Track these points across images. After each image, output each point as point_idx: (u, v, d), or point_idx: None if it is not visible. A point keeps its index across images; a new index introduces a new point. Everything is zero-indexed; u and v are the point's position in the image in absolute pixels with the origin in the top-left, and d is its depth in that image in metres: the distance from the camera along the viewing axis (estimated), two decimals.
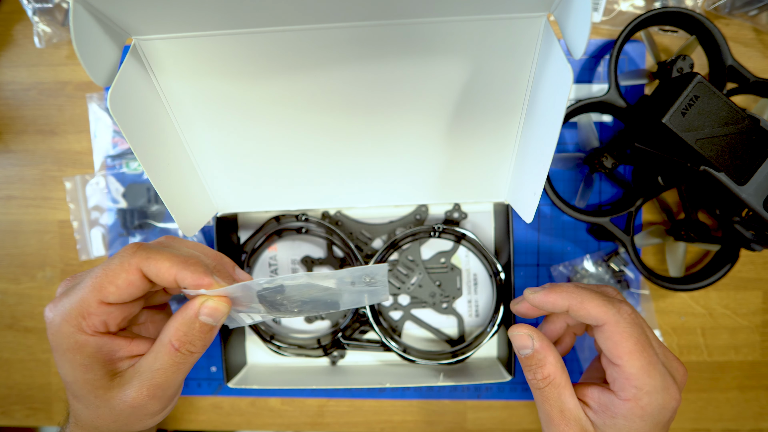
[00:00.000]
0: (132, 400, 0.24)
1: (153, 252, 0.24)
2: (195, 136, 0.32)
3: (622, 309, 0.25)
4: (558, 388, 0.26)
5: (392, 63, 0.29)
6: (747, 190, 0.32)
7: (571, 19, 0.23)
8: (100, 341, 0.25)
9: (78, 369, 0.24)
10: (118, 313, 0.25)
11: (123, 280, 0.24)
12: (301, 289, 0.26)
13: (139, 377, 0.24)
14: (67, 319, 0.24)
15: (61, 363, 0.25)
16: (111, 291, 0.24)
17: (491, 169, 0.35)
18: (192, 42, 0.27)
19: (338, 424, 0.42)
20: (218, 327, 0.26)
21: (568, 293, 0.27)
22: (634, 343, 0.24)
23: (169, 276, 0.24)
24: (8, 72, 0.41)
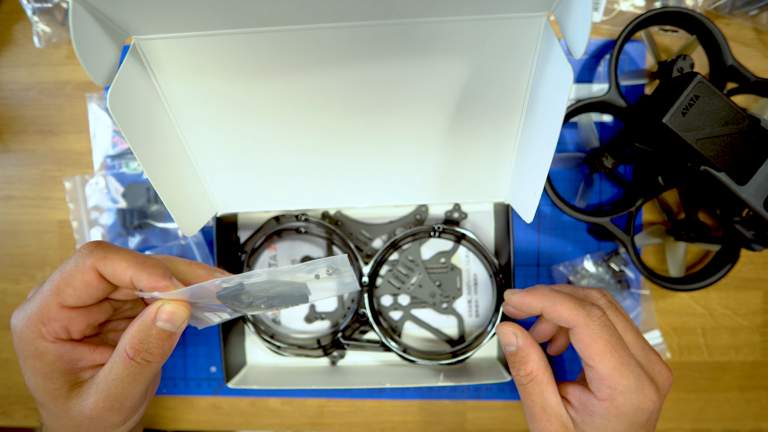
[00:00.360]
0: (89, 412, 0.24)
1: (110, 251, 0.23)
2: (195, 136, 0.32)
3: (592, 312, 0.26)
4: (540, 385, 0.27)
5: (392, 63, 0.29)
6: (747, 190, 0.32)
7: (572, 19, 0.23)
8: (61, 348, 0.24)
9: (39, 377, 0.24)
10: (80, 318, 0.24)
11: (79, 281, 0.23)
12: (263, 286, 0.25)
13: (96, 388, 0.24)
14: (28, 325, 0.23)
15: (24, 370, 0.24)
16: (69, 293, 0.23)
17: (491, 169, 0.35)
18: (192, 42, 0.27)
19: (338, 424, 0.42)
20: (178, 333, 0.24)
21: (541, 296, 0.27)
22: (603, 344, 0.25)
23: (124, 276, 0.23)
24: (8, 72, 0.41)
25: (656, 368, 0.26)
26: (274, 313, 0.40)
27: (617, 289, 0.39)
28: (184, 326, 0.24)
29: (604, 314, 0.26)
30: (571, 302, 0.26)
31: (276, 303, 0.27)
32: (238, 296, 0.26)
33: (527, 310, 0.28)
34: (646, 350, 0.26)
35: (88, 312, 0.25)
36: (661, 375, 0.26)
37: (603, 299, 0.28)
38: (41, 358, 0.23)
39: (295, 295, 0.27)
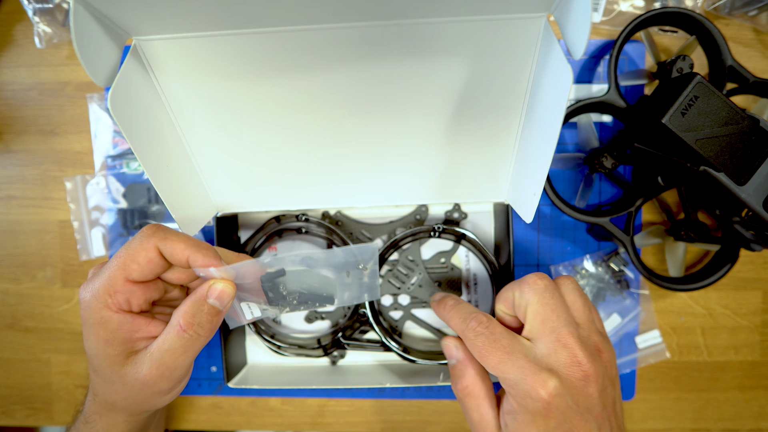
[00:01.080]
0: (143, 377, 0.26)
1: (170, 233, 0.26)
2: (195, 136, 0.33)
3: (470, 324, 0.28)
4: (476, 399, 0.28)
5: (392, 63, 0.29)
6: (747, 190, 0.32)
7: (571, 20, 0.23)
8: (123, 319, 0.26)
9: (101, 343, 0.26)
10: (140, 293, 0.27)
11: (143, 257, 0.26)
12: (299, 276, 0.27)
13: (150, 357, 0.26)
14: (96, 296, 0.26)
15: (87, 336, 0.27)
16: (134, 269, 0.26)
17: (491, 169, 0.35)
18: (192, 42, 0.27)
19: (338, 423, 0.42)
20: (224, 312, 0.27)
21: (443, 308, 0.31)
22: (479, 351, 0.27)
23: (182, 256, 0.26)
24: (9, 72, 0.41)
25: (555, 356, 0.26)
26: None
27: (617, 289, 0.40)
28: (229, 305, 0.27)
29: (479, 324, 0.27)
30: (457, 316, 0.29)
31: (306, 301, 0.28)
32: (277, 284, 0.28)
33: (440, 319, 0.31)
34: (560, 339, 0.26)
35: (147, 288, 0.27)
36: (557, 358, 0.25)
37: (535, 283, 0.28)
38: (105, 326, 0.26)
39: (324, 295, 0.28)
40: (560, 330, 0.26)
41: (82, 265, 0.41)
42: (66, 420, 0.43)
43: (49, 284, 0.42)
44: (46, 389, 0.43)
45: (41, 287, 0.42)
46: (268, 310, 0.29)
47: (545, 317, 0.27)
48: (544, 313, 0.27)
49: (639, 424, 0.41)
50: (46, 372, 0.42)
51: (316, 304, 0.29)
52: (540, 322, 0.27)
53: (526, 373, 0.25)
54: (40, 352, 0.42)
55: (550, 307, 0.27)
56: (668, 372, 0.41)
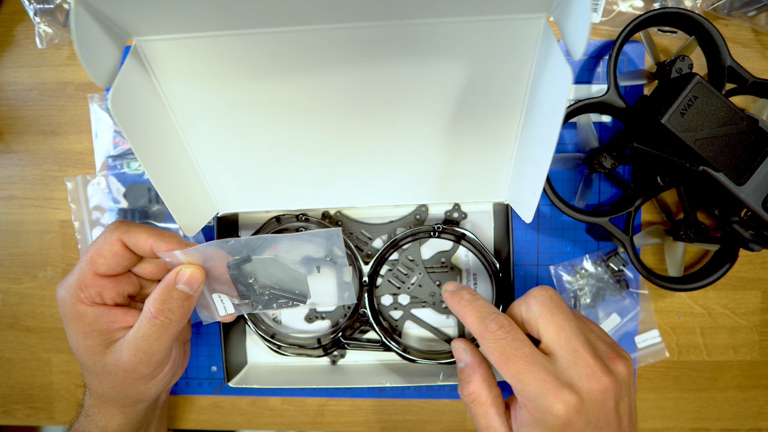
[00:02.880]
0: (123, 364, 0.28)
1: (133, 226, 0.28)
2: (196, 136, 0.33)
3: (488, 327, 0.26)
4: (483, 405, 0.27)
5: (392, 64, 0.29)
6: (746, 190, 0.32)
7: (571, 20, 0.23)
8: (98, 311, 0.28)
9: (80, 335, 0.28)
10: (111, 286, 0.28)
11: (108, 251, 0.28)
12: (268, 267, 0.29)
13: (128, 344, 0.28)
14: (70, 292, 0.28)
15: (68, 332, 0.28)
16: (101, 262, 0.28)
17: (491, 170, 0.35)
18: (192, 43, 0.27)
19: (338, 423, 0.42)
20: (195, 296, 0.28)
21: (457, 304, 0.29)
22: (498, 356, 0.25)
23: (146, 245, 0.28)
24: (10, 72, 0.41)
25: (578, 370, 0.25)
26: (274, 313, 0.41)
27: (616, 288, 0.40)
28: (200, 290, 0.28)
29: (500, 328, 0.26)
30: (475, 315, 0.27)
31: (278, 298, 0.28)
32: (246, 274, 0.29)
33: (452, 312, 0.30)
34: (576, 350, 0.25)
35: (118, 281, 0.29)
36: (580, 374, 0.25)
37: (541, 295, 0.27)
38: (82, 319, 0.28)
39: (296, 292, 0.29)
40: (575, 340, 0.25)
41: None
42: (67, 419, 0.43)
43: (50, 284, 0.42)
44: (47, 389, 0.43)
45: (42, 287, 0.42)
46: (241, 305, 0.30)
47: (559, 326, 0.26)
48: (556, 322, 0.26)
49: (638, 423, 0.42)
50: (47, 371, 0.43)
51: (288, 302, 0.29)
52: (555, 331, 0.26)
53: (548, 387, 0.24)
54: (41, 352, 0.42)
55: (562, 317, 0.26)
56: (667, 372, 0.41)
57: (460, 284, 0.31)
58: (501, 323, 0.26)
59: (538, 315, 0.26)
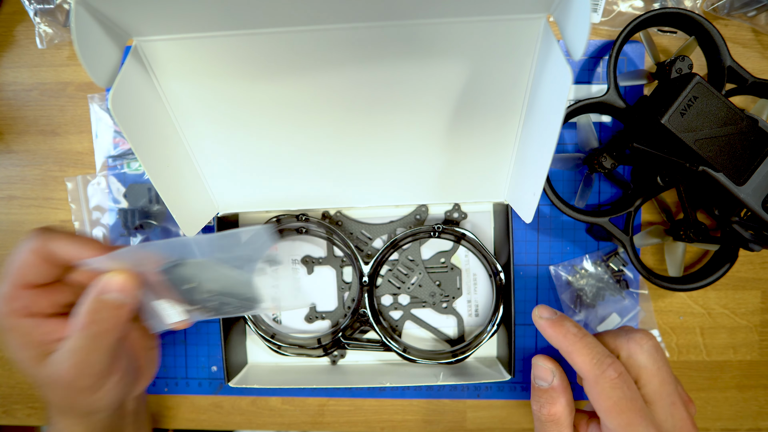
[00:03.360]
0: (61, 378, 0.26)
1: (53, 233, 0.27)
2: (196, 136, 0.33)
3: (606, 372, 0.26)
4: (559, 426, 0.28)
5: (392, 64, 0.29)
6: (745, 191, 0.32)
7: (571, 21, 0.23)
8: (31, 323, 0.27)
9: (17, 349, 0.27)
10: (41, 297, 0.27)
11: (27, 262, 0.26)
12: (205, 269, 0.27)
13: (63, 356, 0.26)
14: (0, 305, 0.27)
15: (5, 345, 0.27)
16: (22, 274, 0.26)
17: (491, 170, 0.35)
18: (192, 43, 0.27)
19: (338, 423, 0.42)
20: (129, 305, 0.27)
21: (564, 337, 0.28)
22: (612, 404, 0.26)
23: (65, 252, 0.26)
24: (10, 73, 0.41)
25: (673, 422, 0.26)
26: (274, 313, 0.41)
27: (616, 288, 0.40)
28: (135, 297, 0.27)
29: (619, 376, 0.26)
30: (588, 355, 0.27)
31: (227, 305, 0.27)
32: (182, 278, 0.27)
33: (548, 340, 0.29)
34: (667, 399, 0.27)
35: (49, 291, 0.27)
36: (676, 428, 0.26)
37: (646, 344, 0.28)
38: (16, 332, 0.27)
39: (246, 296, 0.27)
40: (674, 394, 0.27)
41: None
42: None
43: None
44: None
45: None
46: (193, 311, 0.28)
47: (663, 380, 0.27)
48: (661, 375, 0.27)
49: None
50: None
51: (239, 307, 0.28)
52: (659, 384, 0.27)
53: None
54: None
55: (666, 369, 0.27)
56: None
57: (555, 310, 0.30)
58: (620, 371, 0.26)
59: (642, 365, 0.27)
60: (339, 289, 0.40)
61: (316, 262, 0.40)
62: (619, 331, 0.30)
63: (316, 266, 0.40)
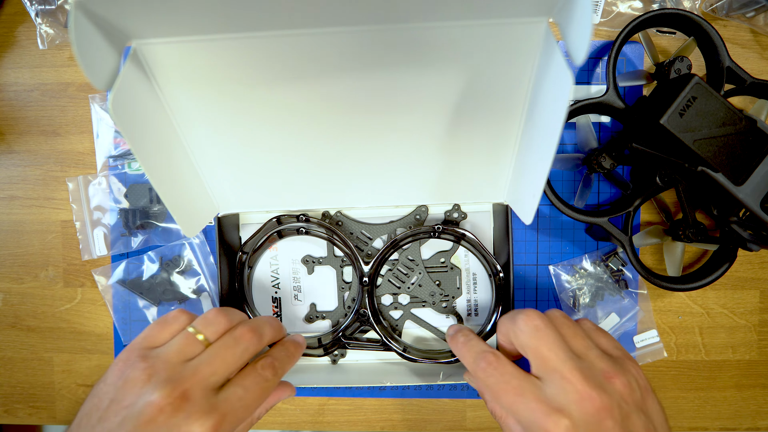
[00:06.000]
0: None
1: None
2: (196, 138, 0.33)
3: (480, 364, 0.28)
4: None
5: (393, 67, 0.29)
6: (744, 191, 0.32)
7: (572, 25, 0.23)
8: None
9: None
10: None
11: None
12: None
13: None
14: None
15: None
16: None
17: (491, 171, 0.35)
18: (192, 46, 0.27)
19: (339, 422, 0.42)
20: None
21: (455, 346, 0.32)
22: (491, 390, 0.28)
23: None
24: (11, 73, 0.41)
25: (567, 396, 0.25)
26: (275, 311, 0.41)
27: (615, 288, 0.40)
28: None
29: (489, 365, 0.28)
30: (468, 354, 0.30)
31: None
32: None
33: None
34: (564, 376, 0.25)
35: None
36: (569, 398, 0.25)
37: (526, 326, 0.28)
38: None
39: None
40: (562, 368, 0.25)
41: (84, 265, 0.42)
42: (68, 418, 0.43)
43: (52, 284, 0.42)
44: (48, 388, 0.43)
45: (43, 287, 0.42)
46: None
47: (545, 358, 0.26)
48: (542, 354, 0.26)
49: None
50: (48, 371, 0.43)
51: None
52: (541, 363, 0.26)
53: (538, 415, 0.25)
54: (42, 351, 0.43)
55: (547, 347, 0.26)
56: (666, 371, 0.41)
57: (460, 327, 0.33)
58: (489, 360, 0.28)
59: (524, 346, 0.27)
60: (339, 289, 0.40)
61: (316, 262, 0.40)
62: (505, 318, 0.30)
63: (317, 266, 0.40)
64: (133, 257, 0.41)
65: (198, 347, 0.27)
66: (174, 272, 0.41)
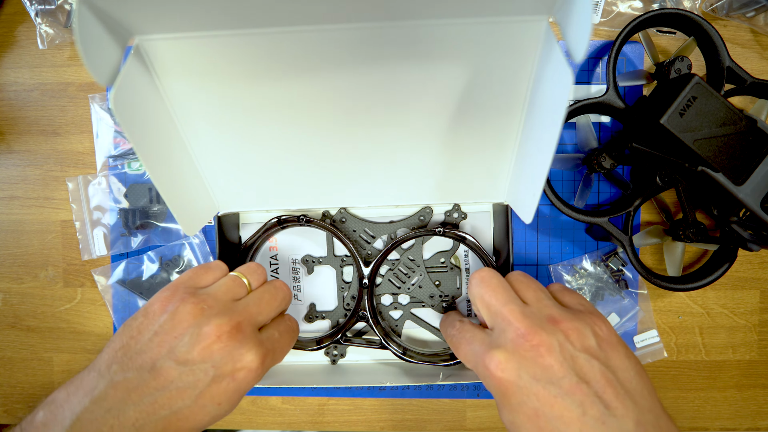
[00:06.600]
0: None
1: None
2: (197, 135, 0.33)
3: (447, 332, 0.32)
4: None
5: (393, 65, 0.29)
6: (744, 191, 0.32)
7: (572, 23, 0.23)
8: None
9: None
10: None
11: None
12: None
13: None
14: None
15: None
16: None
17: (491, 170, 0.35)
18: (194, 42, 0.27)
19: (339, 422, 0.42)
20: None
21: (442, 321, 0.35)
22: (453, 348, 0.31)
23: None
24: (11, 73, 0.41)
25: (508, 335, 0.26)
26: None
27: (615, 288, 0.40)
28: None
29: (452, 328, 0.31)
30: (443, 328, 0.33)
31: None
32: None
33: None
34: (504, 318, 0.27)
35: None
36: (507, 339, 0.26)
37: (471, 284, 0.30)
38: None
39: None
40: (501, 310, 0.27)
41: (84, 264, 0.42)
42: None
43: (51, 284, 0.42)
44: (48, 388, 0.43)
45: (43, 287, 0.42)
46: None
47: (487, 303, 0.28)
48: (485, 300, 0.28)
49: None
50: (48, 371, 0.43)
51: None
52: (485, 308, 0.28)
53: (478, 354, 0.26)
54: (42, 351, 0.43)
55: (490, 293, 0.28)
56: (666, 371, 0.41)
57: (449, 313, 0.36)
58: (453, 324, 0.31)
59: (474, 297, 0.29)
60: (339, 289, 0.40)
61: (316, 262, 0.40)
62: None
63: (316, 266, 0.40)
64: (132, 257, 0.41)
65: (244, 290, 0.29)
66: (174, 272, 0.41)
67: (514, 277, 0.30)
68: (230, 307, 0.27)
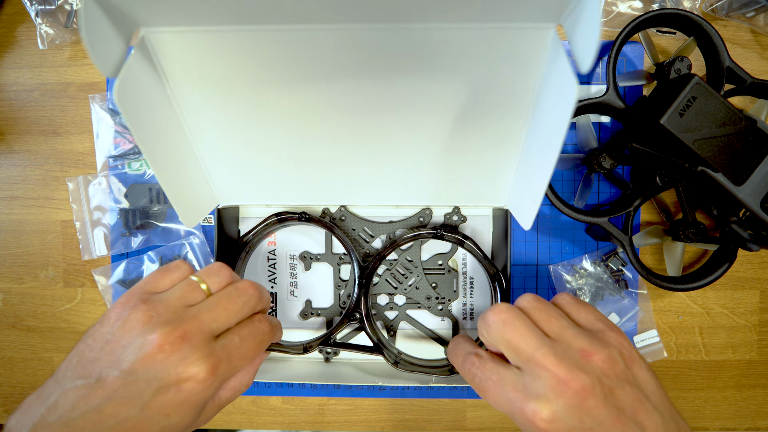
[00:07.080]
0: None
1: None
2: (199, 128, 0.33)
3: (464, 367, 0.29)
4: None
5: (399, 68, 0.29)
6: (744, 191, 0.32)
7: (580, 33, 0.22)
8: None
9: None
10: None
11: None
12: None
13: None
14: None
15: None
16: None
17: (493, 175, 0.35)
18: (200, 36, 0.27)
19: (339, 422, 0.42)
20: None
21: (449, 356, 0.32)
22: (477, 389, 0.28)
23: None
24: (11, 73, 0.41)
25: (545, 383, 0.24)
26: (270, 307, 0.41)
27: (615, 288, 0.40)
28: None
29: (472, 365, 0.28)
30: (456, 359, 0.30)
31: None
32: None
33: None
34: (538, 364, 0.25)
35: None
36: (546, 387, 0.24)
37: (488, 326, 0.28)
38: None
39: None
40: (534, 355, 0.25)
41: (84, 264, 0.42)
42: None
43: (52, 284, 0.42)
44: None
45: (43, 287, 0.42)
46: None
47: (516, 348, 0.26)
48: (513, 345, 0.26)
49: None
50: (49, 371, 0.43)
51: None
52: (515, 354, 0.26)
53: (516, 405, 0.25)
54: (42, 351, 0.43)
55: (518, 338, 0.26)
56: (666, 371, 0.41)
57: (457, 336, 0.34)
58: (472, 361, 0.28)
59: (497, 342, 0.27)
60: (335, 287, 0.40)
61: (314, 259, 0.40)
62: (479, 319, 0.29)
63: (314, 263, 0.40)
64: (133, 257, 0.41)
65: (200, 295, 0.27)
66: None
67: (530, 306, 0.28)
68: (180, 315, 0.26)
